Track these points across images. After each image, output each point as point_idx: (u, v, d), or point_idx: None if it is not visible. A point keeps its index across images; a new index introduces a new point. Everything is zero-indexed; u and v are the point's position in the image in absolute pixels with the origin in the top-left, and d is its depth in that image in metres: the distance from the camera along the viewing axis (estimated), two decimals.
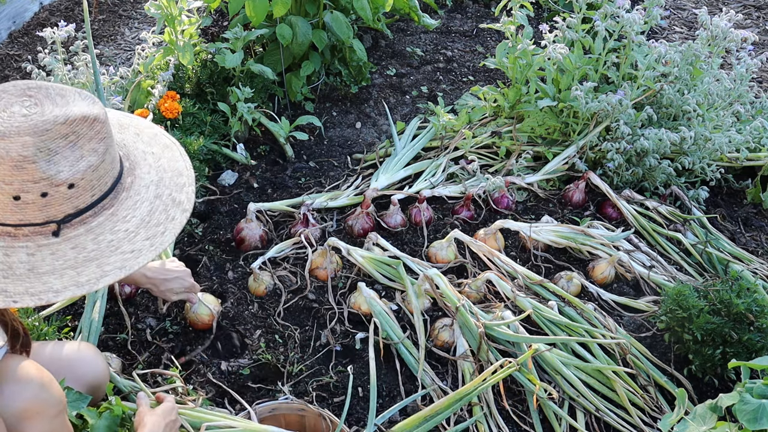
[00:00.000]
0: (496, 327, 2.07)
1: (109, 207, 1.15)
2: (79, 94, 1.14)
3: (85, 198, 1.11)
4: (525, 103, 2.98)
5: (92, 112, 1.11)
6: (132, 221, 1.16)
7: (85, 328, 2.02)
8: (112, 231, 1.13)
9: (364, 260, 2.36)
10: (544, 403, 1.96)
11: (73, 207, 1.10)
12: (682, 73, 2.84)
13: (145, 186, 1.22)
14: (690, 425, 1.40)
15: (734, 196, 2.93)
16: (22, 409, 1.30)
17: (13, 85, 1.12)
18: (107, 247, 1.11)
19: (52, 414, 1.34)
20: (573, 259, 2.53)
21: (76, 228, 1.11)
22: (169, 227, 1.18)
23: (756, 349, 1.95)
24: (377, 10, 3.29)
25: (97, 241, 1.11)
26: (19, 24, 3.89)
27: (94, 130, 1.11)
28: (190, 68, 2.92)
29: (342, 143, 3.11)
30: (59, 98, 1.11)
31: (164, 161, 1.29)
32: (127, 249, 1.12)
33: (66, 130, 1.07)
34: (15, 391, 1.30)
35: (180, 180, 1.26)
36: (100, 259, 1.10)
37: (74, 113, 1.09)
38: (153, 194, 1.21)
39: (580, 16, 2.95)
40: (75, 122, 1.08)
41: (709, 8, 4.20)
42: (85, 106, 1.12)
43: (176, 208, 1.21)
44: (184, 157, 1.32)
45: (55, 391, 1.35)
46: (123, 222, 1.15)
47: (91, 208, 1.12)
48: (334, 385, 2.04)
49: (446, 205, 2.75)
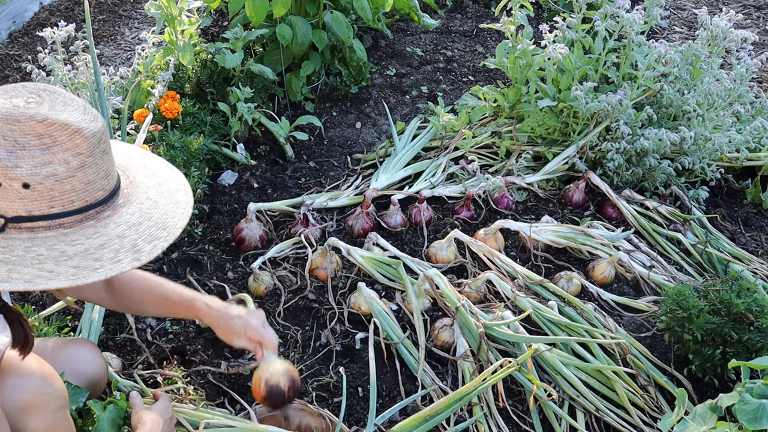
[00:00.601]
0: (496, 327, 2.07)
1: (67, 227, 1.12)
2: (84, 108, 1.12)
3: (41, 205, 1.08)
4: (525, 103, 2.98)
5: (78, 125, 1.09)
6: (76, 246, 1.11)
7: (85, 328, 2.03)
8: (50, 248, 1.10)
9: (364, 260, 2.36)
10: (544, 403, 1.96)
11: (25, 210, 1.08)
12: (682, 73, 2.84)
13: (117, 224, 1.17)
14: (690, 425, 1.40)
15: (734, 196, 2.93)
16: (25, 402, 1.31)
17: (34, 84, 1.13)
18: (32, 258, 1.08)
19: (54, 408, 1.35)
20: (573, 259, 2.53)
21: (21, 232, 1.09)
22: (107, 266, 1.11)
23: (756, 349, 1.95)
24: (377, 10, 3.29)
25: (28, 250, 1.08)
26: (19, 24, 3.89)
27: (72, 142, 1.08)
28: (190, 68, 2.92)
29: (342, 143, 3.11)
30: (60, 104, 1.10)
31: (159, 212, 1.24)
32: (47, 267, 1.08)
33: (41, 130, 1.06)
34: (18, 384, 1.32)
35: (158, 233, 1.20)
36: (15, 266, 1.07)
37: (58, 118, 1.07)
38: (118, 233, 1.16)
39: (580, 16, 2.95)
40: (53, 126, 1.07)
41: (709, 8, 4.20)
42: (77, 117, 1.09)
43: (130, 254, 1.15)
44: (183, 217, 1.27)
45: (58, 385, 1.37)
46: (67, 244, 1.11)
47: (46, 219, 1.09)
48: (334, 385, 2.04)
49: (446, 205, 2.75)
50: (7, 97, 1.09)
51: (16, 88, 1.11)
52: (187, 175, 2.55)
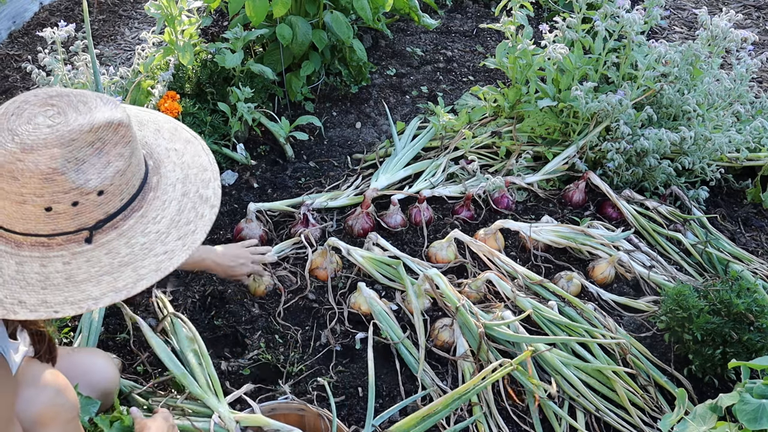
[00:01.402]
0: (496, 327, 2.07)
1: (138, 209, 1.14)
2: (100, 98, 1.13)
3: (115, 203, 1.11)
4: (525, 103, 2.98)
5: (116, 117, 1.10)
6: (162, 222, 1.15)
7: (85, 328, 2.03)
8: (144, 233, 1.12)
9: (364, 260, 2.36)
10: (544, 403, 1.96)
11: (103, 213, 1.10)
12: (682, 73, 2.84)
13: (172, 184, 1.20)
14: (690, 425, 1.40)
15: (734, 196, 2.93)
16: (38, 413, 1.32)
17: (34, 94, 1.11)
18: (140, 250, 1.11)
19: (66, 419, 1.37)
20: (573, 259, 2.53)
21: (108, 233, 1.11)
22: (200, 225, 1.17)
23: (756, 349, 1.95)
24: (377, 10, 3.29)
25: (130, 245, 1.11)
26: (19, 24, 3.89)
27: (119, 135, 1.10)
28: (190, 68, 2.92)
29: (342, 143, 3.11)
30: (82, 105, 1.10)
31: (188, 157, 1.27)
32: (160, 251, 1.11)
33: (92, 138, 1.07)
34: (32, 396, 1.33)
35: (205, 175, 1.24)
36: (135, 263, 1.09)
37: (98, 120, 1.08)
38: (180, 192, 1.20)
39: (580, 16, 2.95)
40: (100, 129, 1.07)
41: (709, 8, 4.20)
42: (108, 112, 1.11)
43: (204, 204, 1.20)
44: (207, 151, 1.30)
45: (71, 397, 1.39)
46: (153, 223, 1.14)
47: (121, 211, 1.12)
48: (334, 385, 2.04)
49: (446, 205, 2.75)
50: (25, 119, 1.06)
51: (21, 107, 1.08)
52: None
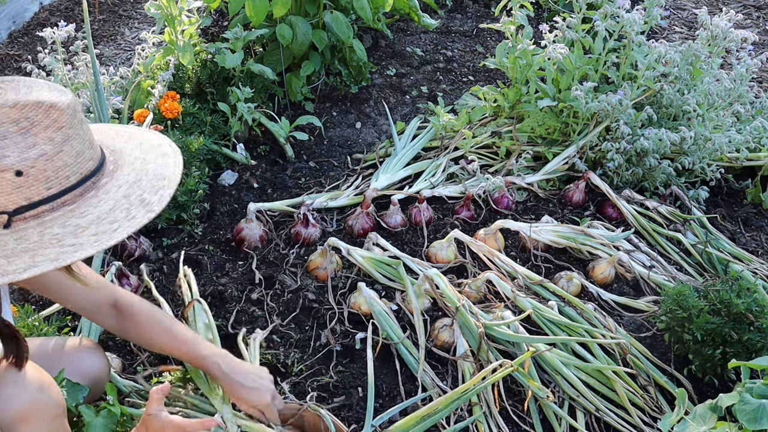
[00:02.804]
0: (496, 327, 2.07)
1: (71, 203, 1.11)
2: (48, 86, 1.11)
3: (39, 189, 1.07)
4: (525, 103, 2.98)
5: (50, 100, 1.07)
6: (87, 218, 1.11)
7: (85, 328, 2.02)
8: (62, 225, 1.09)
9: (364, 260, 2.36)
10: (544, 403, 1.96)
11: (24, 198, 1.06)
12: (682, 73, 2.84)
13: (117, 186, 1.17)
14: (690, 425, 1.40)
15: (734, 196, 2.93)
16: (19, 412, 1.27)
17: None
18: (50, 239, 1.07)
19: (50, 416, 1.32)
20: (573, 259, 2.53)
21: (28, 221, 1.08)
22: (124, 225, 1.12)
23: (756, 349, 1.95)
24: (377, 10, 3.29)
25: (42, 234, 1.07)
26: (19, 24, 3.89)
27: (50, 118, 1.07)
28: (190, 68, 2.92)
29: (342, 143, 3.11)
30: (25, 88, 1.09)
31: (152, 166, 1.25)
32: (68, 242, 1.07)
33: (16, 115, 1.04)
34: (12, 393, 1.28)
35: (159, 183, 1.21)
36: (36, 250, 1.05)
37: (28, 99, 1.06)
38: (122, 194, 1.16)
39: (580, 16, 2.95)
40: (27, 107, 1.05)
41: (709, 8, 4.20)
42: (45, 94, 1.08)
43: (141, 207, 1.15)
44: (176, 164, 1.27)
45: (54, 394, 1.33)
46: (77, 218, 1.10)
47: (48, 202, 1.08)
48: (334, 385, 2.04)
49: (446, 205, 2.75)
50: None
51: None
52: (187, 175, 2.55)
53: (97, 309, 1.64)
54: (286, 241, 2.54)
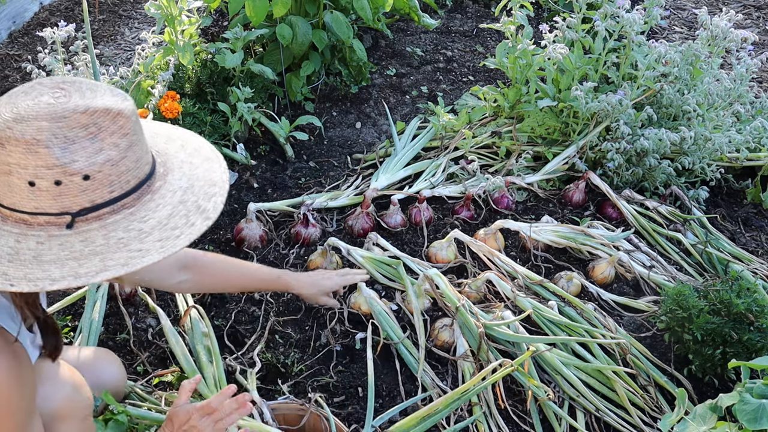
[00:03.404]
0: (496, 327, 2.07)
1: (130, 206, 1.14)
2: (111, 90, 1.14)
3: (103, 193, 1.10)
4: (525, 103, 2.98)
5: (117, 106, 1.10)
6: (149, 222, 1.14)
7: (85, 328, 2.03)
8: (126, 229, 1.11)
9: (364, 260, 2.36)
10: (544, 403, 1.96)
11: (89, 201, 1.09)
12: (682, 73, 2.84)
13: (172, 191, 1.20)
14: (690, 425, 1.40)
15: (734, 196, 2.93)
16: (56, 409, 1.35)
17: (50, 79, 1.13)
18: (116, 243, 1.10)
19: (82, 416, 1.41)
20: (573, 259, 2.53)
21: (90, 223, 1.10)
22: (186, 232, 1.15)
23: (756, 349, 1.95)
24: (377, 10, 3.29)
25: (107, 237, 1.10)
26: (19, 24, 3.89)
27: (117, 124, 1.09)
28: (190, 68, 2.92)
29: (342, 143, 3.11)
30: (89, 92, 1.11)
31: (200, 171, 1.27)
32: (135, 247, 1.10)
33: (86, 120, 1.07)
34: (50, 392, 1.36)
35: (211, 189, 1.24)
36: (105, 254, 1.08)
37: (97, 105, 1.08)
38: (178, 199, 1.19)
39: (580, 16, 2.95)
40: (96, 113, 1.07)
41: (709, 8, 4.20)
42: (111, 100, 1.11)
43: (199, 214, 1.18)
44: (223, 169, 1.30)
45: (86, 393, 1.43)
46: (139, 222, 1.13)
47: (110, 204, 1.11)
48: (334, 385, 2.04)
49: (446, 205, 2.75)
50: (32, 96, 1.08)
51: (34, 87, 1.10)
52: None
53: (169, 277, 1.76)
54: (286, 241, 2.54)
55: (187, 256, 1.78)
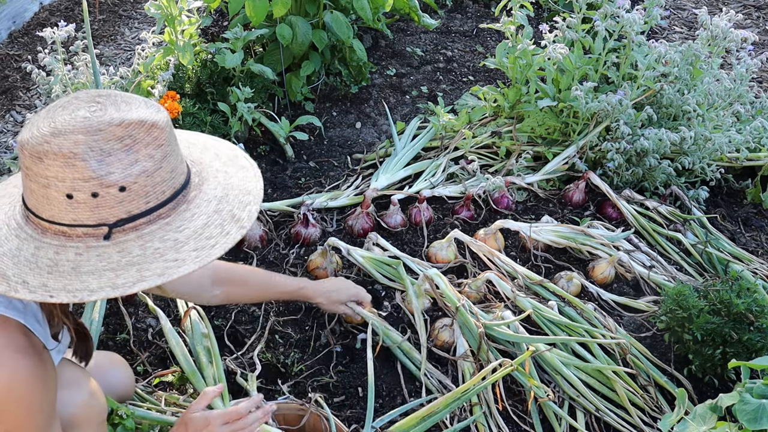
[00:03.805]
0: (496, 327, 2.07)
1: (166, 216, 1.15)
2: (145, 102, 1.15)
3: (139, 204, 1.11)
4: (525, 103, 2.98)
5: (151, 118, 1.11)
6: (184, 232, 1.14)
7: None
8: (162, 239, 1.12)
9: (364, 260, 2.36)
10: (544, 403, 1.96)
11: (125, 212, 1.10)
12: (682, 73, 2.84)
13: (207, 201, 1.21)
14: (690, 425, 1.40)
15: (734, 196, 2.93)
16: (74, 414, 1.36)
17: (86, 92, 1.14)
18: (152, 253, 1.11)
19: (98, 422, 1.42)
20: (573, 259, 2.53)
21: (127, 233, 1.11)
22: (221, 241, 1.15)
23: (756, 349, 1.95)
24: (377, 10, 3.29)
25: (144, 248, 1.11)
26: (19, 24, 3.89)
27: (151, 135, 1.11)
28: (190, 68, 2.92)
29: (342, 143, 3.11)
30: (124, 105, 1.12)
31: (235, 180, 1.28)
32: (171, 257, 1.11)
33: (121, 133, 1.08)
34: (68, 397, 1.36)
35: (246, 198, 1.24)
36: (142, 264, 1.09)
37: (131, 117, 1.10)
38: (213, 209, 1.20)
39: (580, 16, 2.95)
40: (131, 126, 1.09)
41: (709, 8, 4.20)
42: (145, 112, 1.12)
43: (234, 224, 1.19)
44: (257, 178, 1.31)
45: (102, 400, 1.43)
46: (175, 232, 1.14)
47: (146, 215, 1.12)
48: (334, 385, 2.04)
49: (446, 205, 2.75)
50: (69, 111, 1.09)
51: (71, 101, 1.12)
52: None
53: (204, 290, 1.79)
54: (286, 241, 2.54)
55: (220, 269, 1.81)
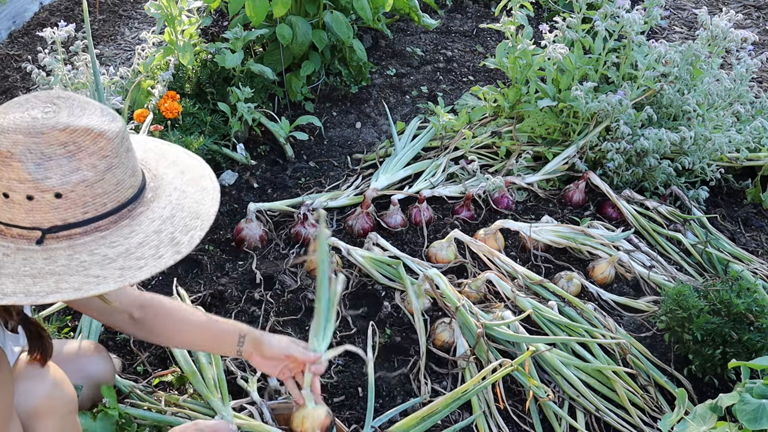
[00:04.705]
0: (496, 327, 2.07)
1: (104, 230, 1.11)
2: (101, 110, 1.12)
3: (75, 213, 1.08)
4: (525, 103, 2.98)
5: (100, 127, 1.08)
6: (117, 248, 1.10)
7: (85, 328, 2.02)
8: (91, 253, 1.09)
9: (364, 260, 2.36)
10: (544, 403, 1.96)
11: (60, 219, 1.07)
12: (682, 73, 2.84)
13: (151, 219, 1.16)
14: (690, 425, 1.40)
15: (734, 196, 2.93)
16: (35, 406, 1.32)
17: (46, 93, 1.12)
18: (77, 266, 1.07)
19: (64, 412, 1.37)
20: (573, 259, 2.53)
21: (60, 241, 1.08)
22: (150, 263, 1.10)
23: (756, 349, 1.95)
24: (377, 10, 3.29)
25: (71, 258, 1.07)
26: (19, 24, 3.89)
27: (97, 145, 1.08)
28: (190, 68, 2.92)
29: (342, 143, 3.11)
30: (78, 110, 1.09)
31: (188, 201, 1.23)
32: (93, 273, 1.07)
33: (65, 138, 1.05)
34: (28, 389, 1.32)
35: (192, 222, 1.19)
36: (62, 276, 1.06)
37: (79, 124, 1.07)
38: (154, 229, 1.15)
39: (580, 16, 2.95)
40: (76, 132, 1.06)
41: (709, 8, 4.20)
42: (97, 120, 1.09)
43: (171, 247, 1.14)
44: (213, 203, 1.26)
45: (68, 389, 1.38)
46: (107, 247, 1.10)
47: (82, 225, 1.09)
48: (334, 385, 2.04)
49: (446, 205, 2.75)
50: (23, 109, 1.07)
51: (29, 99, 1.09)
52: None
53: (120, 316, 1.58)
54: (286, 241, 2.54)
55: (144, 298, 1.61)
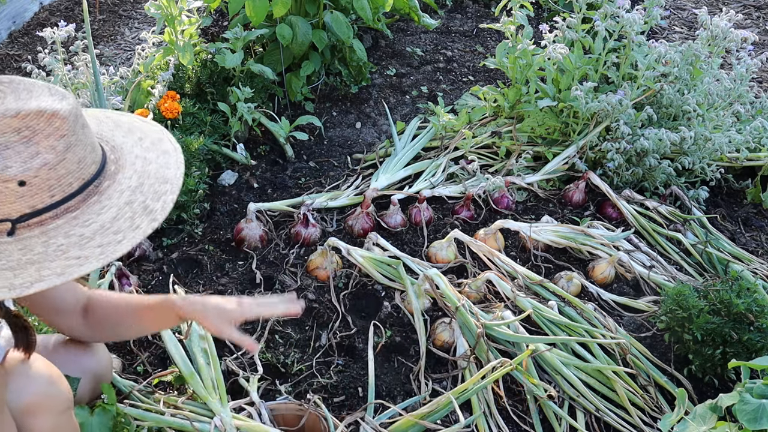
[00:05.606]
0: (496, 327, 2.07)
1: (74, 210, 1.09)
2: (49, 90, 1.09)
3: (43, 198, 1.05)
4: (525, 103, 2.98)
5: (51, 107, 1.05)
6: (91, 226, 1.08)
7: None
8: (66, 235, 1.06)
9: (364, 260, 2.36)
10: (544, 402, 1.96)
11: (28, 206, 1.05)
12: (682, 73, 2.84)
13: (120, 191, 1.14)
14: (690, 425, 1.40)
15: (734, 196, 2.93)
16: (29, 403, 1.30)
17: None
18: (54, 251, 1.05)
19: (59, 410, 1.35)
20: (573, 259, 2.53)
21: (32, 229, 1.06)
22: (129, 236, 1.08)
23: (756, 349, 1.95)
24: (377, 10, 3.29)
25: (47, 244, 1.05)
26: (19, 24, 3.89)
27: (52, 126, 1.05)
28: (190, 68, 2.92)
29: (342, 143, 3.11)
30: (25, 93, 1.07)
31: (153, 167, 1.21)
32: (74, 255, 1.05)
33: (18, 124, 1.03)
34: (22, 386, 1.31)
35: (162, 188, 1.17)
36: (42, 263, 1.04)
37: (29, 107, 1.04)
38: (125, 200, 1.13)
39: (580, 16, 2.95)
40: (29, 116, 1.03)
41: (709, 8, 4.20)
42: (46, 101, 1.06)
43: (145, 216, 1.12)
44: (178, 165, 1.23)
45: (63, 387, 1.36)
46: (81, 226, 1.08)
47: (51, 209, 1.06)
48: (334, 385, 2.04)
49: (446, 205, 2.75)
50: None
51: None
52: (188, 175, 2.55)
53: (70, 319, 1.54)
54: (286, 241, 2.54)
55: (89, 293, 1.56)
